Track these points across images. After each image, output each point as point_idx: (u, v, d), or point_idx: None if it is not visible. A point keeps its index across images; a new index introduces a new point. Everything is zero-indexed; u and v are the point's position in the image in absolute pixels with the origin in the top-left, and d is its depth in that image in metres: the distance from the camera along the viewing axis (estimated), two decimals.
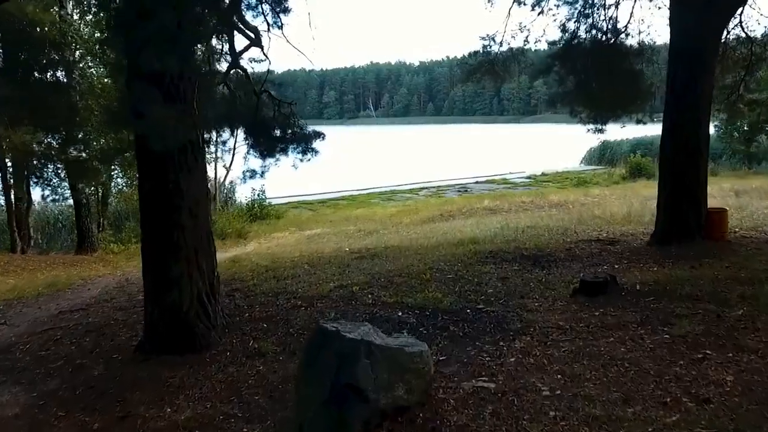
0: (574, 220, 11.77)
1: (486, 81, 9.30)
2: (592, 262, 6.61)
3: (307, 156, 6.79)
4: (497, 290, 5.86)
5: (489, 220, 15.50)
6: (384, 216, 20.98)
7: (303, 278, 7.17)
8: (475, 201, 22.72)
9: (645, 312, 4.76)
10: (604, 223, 10.77)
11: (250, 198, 23.15)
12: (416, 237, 11.47)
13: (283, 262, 8.82)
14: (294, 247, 11.92)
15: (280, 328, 5.18)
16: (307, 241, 13.28)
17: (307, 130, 7.08)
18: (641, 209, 13.24)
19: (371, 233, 13.18)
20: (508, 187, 31.40)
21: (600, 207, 15.99)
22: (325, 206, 26.70)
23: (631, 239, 7.86)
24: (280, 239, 16.53)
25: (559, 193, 22.41)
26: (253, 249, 14.20)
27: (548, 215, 15.35)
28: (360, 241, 11.90)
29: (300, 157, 6.78)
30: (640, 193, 20.25)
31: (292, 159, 6.94)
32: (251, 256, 10.07)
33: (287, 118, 6.86)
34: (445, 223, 17.01)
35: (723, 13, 7.14)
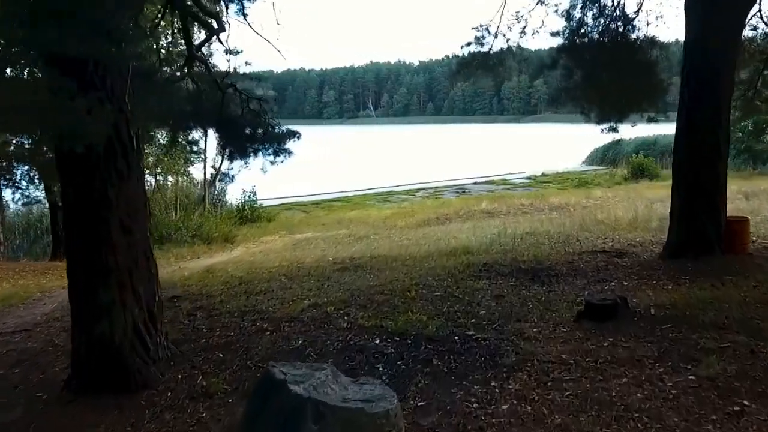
0: (576, 225, 11.05)
1: (479, 76, 8.56)
2: (597, 278, 5.88)
3: (279, 158, 6.09)
4: (491, 311, 5.14)
5: (486, 224, 14.79)
6: (378, 219, 20.26)
7: (276, 294, 6.45)
8: (472, 203, 21.99)
9: (663, 343, 4.03)
10: (608, 230, 10.04)
11: (240, 200, 22.41)
12: (407, 244, 10.75)
13: (259, 273, 8.10)
14: (278, 254, 11.20)
15: (237, 358, 4.46)
16: (294, 247, 12.56)
17: (281, 129, 6.36)
18: (648, 214, 12.52)
19: (361, 239, 12.46)
20: (507, 188, 30.67)
21: (603, 210, 15.27)
22: (319, 208, 25.97)
23: (640, 250, 7.12)
24: (268, 243, 15.82)
25: (559, 195, 21.69)
26: (238, 255, 13.48)
27: (548, 219, 14.62)
28: (348, 248, 11.18)
29: (271, 159, 6.06)
30: (644, 195, 19.53)
31: (262, 161, 6.20)
32: (228, 266, 9.35)
33: (258, 116, 6.13)
34: (441, 226, 16.30)
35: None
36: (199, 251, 14.99)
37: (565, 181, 32.77)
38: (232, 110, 6.05)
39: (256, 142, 6.03)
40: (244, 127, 5.99)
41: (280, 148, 6.01)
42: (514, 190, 29.42)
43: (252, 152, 5.99)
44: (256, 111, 6.18)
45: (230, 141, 6.07)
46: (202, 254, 14.70)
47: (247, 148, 5.96)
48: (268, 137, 6.01)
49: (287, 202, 27.65)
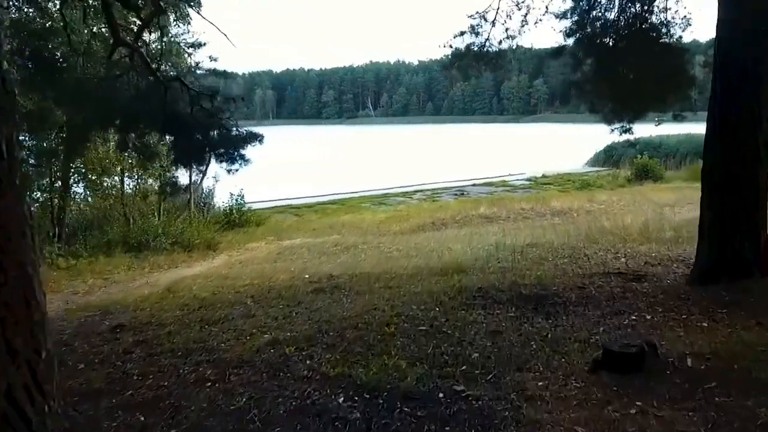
0: (581, 235, 10.10)
1: (475, 70, 7.62)
2: (613, 309, 4.91)
3: (234, 165, 5.12)
4: (485, 354, 4.18)
5: (484, 231, 13.85)
6: (371, 223, 19.31)
7: (235, 324, 5.49)
8: (470, 207, 21.01)
9: (708, 412, 3.07)
10: (617, 241, 9.09)
11: (227, 203, 21.46)
12: (396, 255, 9.81)
13: (225, 293, 7.15)
14: (256, 267, 10.26)
15: (160, 425, 3.50)
16: (276, 257, 11.61)
17: (240, 131, 5.40)
18: (659, 221, 11.58)
19: (348, 248, 11.51)
20: (507, 189, 29.72)
21: (609, 216, 14.31)
22: (312, 211, 25.02)
23: (660, 271, 6.15)
24: (252, 251, 14.88)
25: (561, 198, 20.72)
26: (217, 265, 12.54)
27: (551, 225, 13.67)
28: (332, 259, 10.24)
29: (225, 167, 5.11)
30: (650, 199, 18.57)
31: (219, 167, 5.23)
32: (197, 281, 8.39)
33: (212, 117, 5.17)
34: (436, 232, 15.36)
35: None
36: (178, 259, 14.06)
37: (566, 182, 31.80)
38: (181, 110, 5.10)
39: (208, 147, 5.07)
40: (193, 128, 5.02)
41: (234, 154, 5.05)
42: (514, 192, 28.47)
43: (201, 158, 5.02)
44: (210, 111, 5.21)
45: (178, 145, 5.10)
46: (181, 263, 13.76)
47: (195, 154, 5.00)
48: (222, 141, 5.05)
49: (280, 205, 26.74)
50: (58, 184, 16.34)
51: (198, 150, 4.99)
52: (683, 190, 22.91)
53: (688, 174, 29.38)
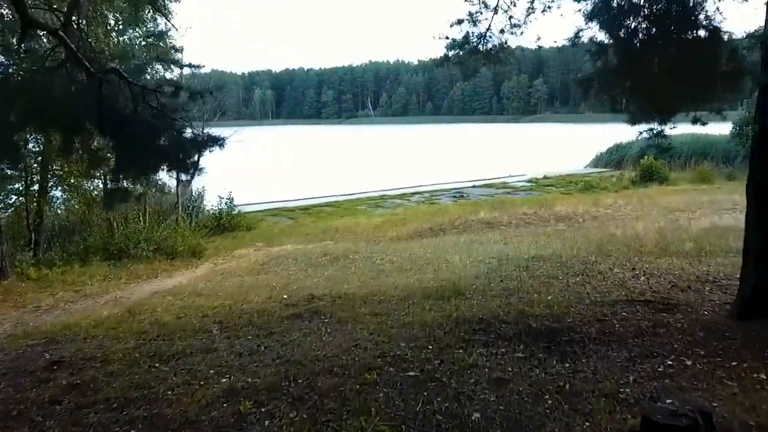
0: (592, 246, 9.23)
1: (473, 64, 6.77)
2: (644, 350, 4.04)
3: (185, 176, 4.25)
4: (488, 414, 3.32)
5: (485, 239, 12.98)
6: (366, 228, 18.45)
7: (192, 361, 4.64)
8: (470, 210, 20.14)
9: None
10: (632, 254, 8.23)
11: (217, 207, 20.59)
12: (389, 269, 8.94)
13: (191, 317, 6.27)
14: (236, 281, 9.39)
15: None
16: (260, 268, 10.75)
17: (198, 133, 4.52)
18: (675, 229, 10.72)
19: (338, 259, 10.63)
20: (507, 191, 28.85)
21: (618, 223, 13.46)
22: (307, 214, 24.14)
23: (693, 299, 5.24)
24: (239, 259, 14.01)
25: (565, 202, 19.85)
26: (197, 276, 11.66)
27: (555, 233, 12.82)
28: (318, 273, 9.37)
29: (174, 177, 4.22)
30: (658, 203, 17.69)
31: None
32: (161, 303, 7.50)
33: (162, 118, 4.30)
34: (434, 239, 14.49)
35: None
36: (158, 268, 13.19)
37: (568, 184, 30.93)
38: (123, 108, 4.23)
39: (155, 153, 4.20)
40: (137, 130, 4.15)
41: (185, 162, 4.18)
42: (515, 195, 27.60)
43: (146, 166, 4.16)
44: (161, 109, 4.34)
45: (118, 150, 4.23)
46: (162, 272, 12.89)
47: (139, 161, 4.14)
48: (174, 146, 4.18)
49: (274, 208, 25.86)
50: (34, 188, 15.49)
51: (143, 156, 4.13)
52: (691, 193, 22.07)
53: (694, 176, 28.55)
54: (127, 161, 4.24)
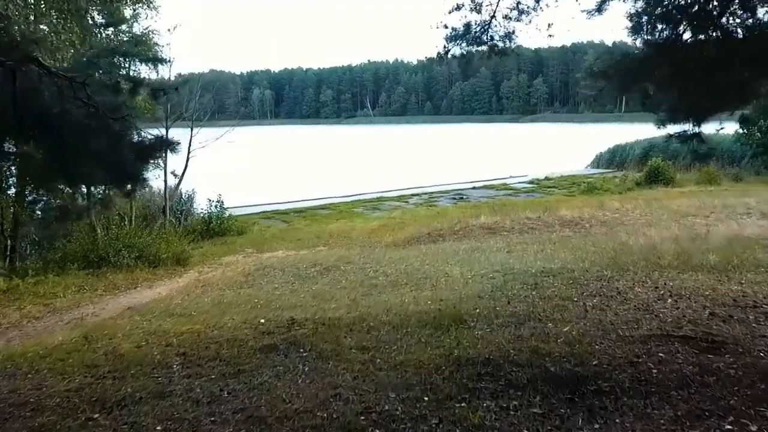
0: (604, 258, 8.43)
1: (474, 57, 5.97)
2: (691, 406, 3.23)
3: (123, 188, 3.45)
4: None
5: (487, 246, 12.19)
6: (362, 232, 17.65)
7: (138, 412, 3.83)
8: (470, 214, 19.34)
9: None
10: (651, 267, 7.42)
11: (206, 210, 19.76)
12: (382, 283, 8.12)
13: (154, 346, 5.46)
14: (214, 296, 8.58)
15: None
16: (244, 281, 9.93)
17: (145, 136, 3.70)
18: (692, 237, 9.93)
19: (328, 270, 9.83)
20: (508, 193, 28.07)
21: (628, 230, 12.66)
22: (301, 217, 23.32)
23: (740, 333, 4.39)
24: (225, 267, 13.20)
25: (569, 205, 19.06)
26: (178, 287, 10.87)
27: (561, 241, 12.02)
28: (305, 287, 8.56)
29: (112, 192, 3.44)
30: (667, 207, 16.90)
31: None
32: (126, 325, 6.67)
33: (96, 118, 3.47)
34: (433, 245, 13.69)
35: None
36: (139, 278, 12.38)
37: (571, 186, 30.16)
38: (48, 105, 3.42)
39: (87, 160, 3.39)
40: (65, 133, 3.34)
41: (123, 170, 3.37)
42: (517, 197, 26.82)
43: (76, 176, 3.35)
44: (95, 108, 3.53)
45: (44, 157, 3.42)
46: (142, 282, 12.09)
47: (67, 169, 3.32)
48: (112, 152, 3.36)
49: (269, 210, 25.02)
50: (11, 192, 14.67)
51: (73, 164, 3.33)
52: (699, 196, 21.27)
53: (700, 177, 27.75)
54: (54, 169, 3.44)
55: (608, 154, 41.14)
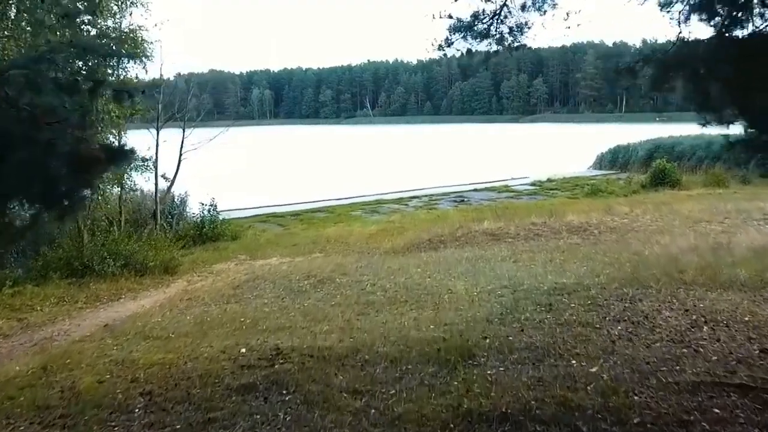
0: (622, 273, 7.75)
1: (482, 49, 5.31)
2: None
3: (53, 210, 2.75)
4: None
5: (491, 255, 11.51)
6: (360, 237, 16.97)
7: None
8: (472, 218, 18.67)
9: None
10: (675, 284, 6.74)
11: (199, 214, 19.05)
12: (380, 300, 7.44)
13: (118, 381, 4.77)
14: (197, 314, 7.90)
15: None
16: (231, 295, 9.25)
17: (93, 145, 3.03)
18: (712, 248, 9.26)
19: (323, 283, 9.14)
20: (510, 196, 27.41)
21: (640, 237, 11.98)
22: (298, 220, 22.66)
23: None
24: (216, 276, 12.53)
25: (575, 209, 18.39)
26: (163, 299, 10.21)
27: (570, 250, 11.34)
28: (297, 303, 7.88)
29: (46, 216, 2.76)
30: (677, 211, 16.22)
31: None
32: (88, 356, 5.92)
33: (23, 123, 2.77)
34: (434, 253, 13.01)
35: None
36: (124, 288, 11.71)
37: (574, 188, 29.50)
38: None
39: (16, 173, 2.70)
40: None
41: (52, 188, 2.68)
42: (519, 199, 26.17)
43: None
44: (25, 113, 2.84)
45: None
46: (126, 293, 11.42)
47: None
48: (33, 165, 2.67)
49: (265, 213, 24.34)
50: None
51: None
52: (709, 199, 20.58)
53: (707, 179, 27.06)
54: None
55: (610, 155, 40.41)
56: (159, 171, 18.01)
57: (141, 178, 17.76)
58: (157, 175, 17.71)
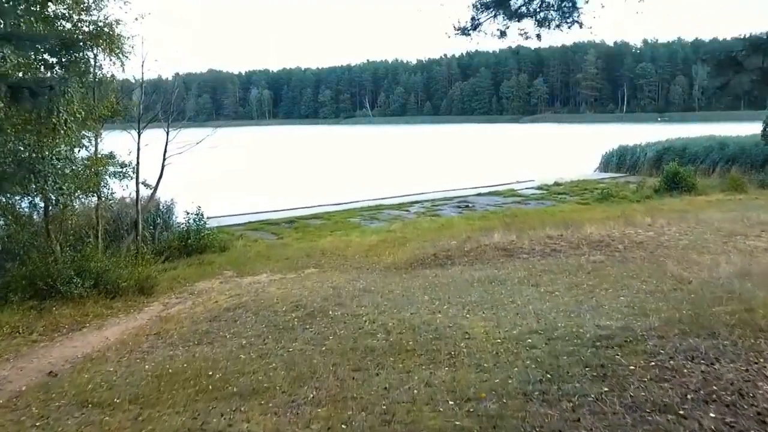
0: (674, 310, 6.37)
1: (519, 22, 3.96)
2: None
3: None
4: None
5: (506, 276, 10.18)
6: (359, 250, 15.59)
7: None
8: (479, 227, 17.31)
9: None
10: (752, 331, 5.37)
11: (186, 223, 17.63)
12: (381, 347, 6.04)
13: None
14: (158, 360, 6.51)
15: None
16: (205, 332, 7.84)
17: None
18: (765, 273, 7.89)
19: (312, 317, 7.75)
20: (516, 201, 26.05)
21: (675, 256, 10.61)
22: (293, 228, 21.22)
23: None
24: (196, 298, 11.18)
25: (589, 216, 17.03)
26: (132, 328, 8.84)
27: (597, 271, 9.99)
28: (280, 346, 6.50)
29: None
30: (704, 221, 14.81)
31: None
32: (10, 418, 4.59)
33: None
34: (440, 271, 11.66)
35: None
36: (91, 314, 10.32)
37: (583, 192, 28.11)
38: None
39: None
40: None
41: None
42: (527, 204, 24.81)
43: None
44: None
45: None
46: (93, 320, 10.04)
47: None
48: None
49: (258, 220, 22.88)
50: None
51: None
52: (730, 206, 19.25)
53: (725, 184, 25.69)
54: None
55: (616, 157, 38.87)
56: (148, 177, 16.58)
57: (131, 185, 16.24)
58: (138, 181, 16.25)
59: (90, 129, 14.19)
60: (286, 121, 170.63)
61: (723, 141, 33.00)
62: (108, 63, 14.14)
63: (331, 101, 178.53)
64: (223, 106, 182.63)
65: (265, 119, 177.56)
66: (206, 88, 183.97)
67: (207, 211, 18.99)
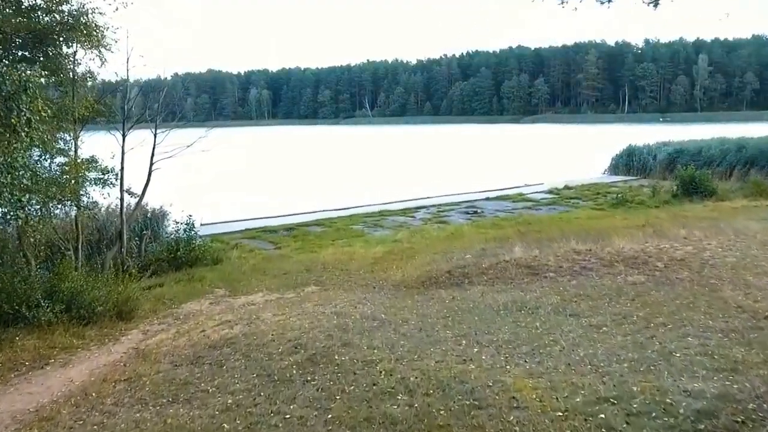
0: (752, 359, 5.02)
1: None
2: None
3: None
4: None
5: (533, 300, 8.85)
6: (364, 263, 14.20)
7: None
8: (493, 237, 15.92)
9: None
10: None
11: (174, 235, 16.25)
12: (402, 413, 4.68)
13: None
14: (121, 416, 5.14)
15: None
16: (185, 379, 6.47)
17: None
18: None
19: (315, 364, 6.37)
20: (528, 206, 24.66)
21: (728, 277, 9.25)
22: (291, 237, 19.76)
23: None
24: (182, 325, 9.79)
25: (613, 225, 15.69)
26: (93, 377, 7.43)
27: (642, 298, 8.63)
28: (275, 411, 5.13)
29: None
30: (744, 233, 13.37)
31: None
32: None
33: None
34: (458, 291, 10.33)
35: None
36: (58, 345, 8.93)
37: (596, 196, 26.73)
38: None
39: None
40: None
41: None
42: (538, 210, 23.44)
43: None
44: None
45: None
46: (59, 354, 8.65)
47: None
48: None
49: (255, 227, 21.45)
50: None
51: None
52: (760, 213, 17.81)
53: (747, 189, 24.34)
54: None
55: (625, 159, 37.28)
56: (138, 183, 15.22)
57: (114, 192, 14.81)
58: (122, 188, 14.86)
59: (66, 131, 12.84)
60: (285, 121, 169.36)
61: (739, 142, 31.56)
62: (87, 58, 12.78)
63: (331, 101, 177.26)
64: (223, 106, 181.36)
65: (265, 119, 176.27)
66: (205, 88, 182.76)
67: (201, 218, 17.58)
